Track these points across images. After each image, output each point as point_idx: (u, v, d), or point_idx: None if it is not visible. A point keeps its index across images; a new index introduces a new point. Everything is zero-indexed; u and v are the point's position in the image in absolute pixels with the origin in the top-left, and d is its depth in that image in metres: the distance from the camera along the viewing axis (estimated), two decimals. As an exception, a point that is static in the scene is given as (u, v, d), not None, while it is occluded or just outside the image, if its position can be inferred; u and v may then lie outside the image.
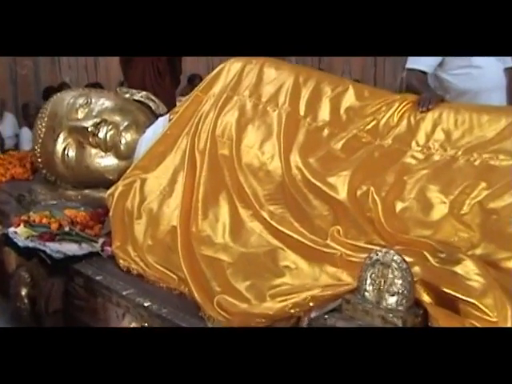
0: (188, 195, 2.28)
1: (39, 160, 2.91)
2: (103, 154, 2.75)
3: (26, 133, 4.83)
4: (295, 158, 2.15)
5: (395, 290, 1.52)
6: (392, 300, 1.52)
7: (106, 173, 2.76)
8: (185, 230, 2.18)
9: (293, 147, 2.19)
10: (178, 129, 2.54)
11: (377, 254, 1.56)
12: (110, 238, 2.40)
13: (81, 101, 2.83)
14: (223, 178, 2.27)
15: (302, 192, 2.07)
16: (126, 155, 2.72)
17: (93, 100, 2.83)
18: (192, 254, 2.12)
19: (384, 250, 1.55)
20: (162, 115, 2.87)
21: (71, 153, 2.78)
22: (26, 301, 2.42)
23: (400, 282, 1.51)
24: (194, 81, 5.05)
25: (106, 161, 2.76)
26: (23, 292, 2.43)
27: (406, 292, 1.51)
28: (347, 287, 1.67)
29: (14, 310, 2.47)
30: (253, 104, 2.41)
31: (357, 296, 1.59)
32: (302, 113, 2.31)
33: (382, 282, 1.54)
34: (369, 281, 1.56)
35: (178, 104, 3.50)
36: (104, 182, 2.75)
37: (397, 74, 4.88)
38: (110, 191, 2.50)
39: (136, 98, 2.99)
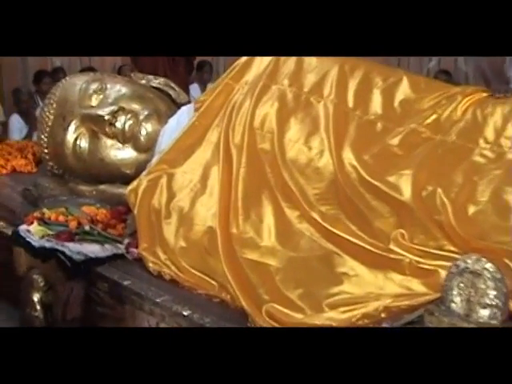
0: (225, 193, 2.22)
1: (46, 151, 2.82)
2: (120, 145, 2.67)
3: (16, 120, 4.71)
4: (348, 155, 2.10)
5: (488, 301, 1.48)
6: (484, 313, 1.48)
7: (122, 166, 2.68)
8: (224, 230, 2.12)
9: (344, 142, 2.14)
10: (207, 120, 2.48)
11: (465, 262, 1.52)
12: (135, 239, 2.32)
13: (94, 86, 2.74)
14: (265, 175, 2.21)
15: (357, 192, 2.02)
16: (146, 147, 2.65)
17: (108, 86, 2.75)
18: (233, 258, 2.07)
19: (474, 256, 1.52)
20: (183, 104, 2.81)
21: (84, 143, 2.69)
22: (38, 307, 2.35)
23: (494, 293, 1.48)
24: (203, 67, 4.95)
25: (123, 153, 2.68)
26: (35, 298, 2.35)
27: (500, 304, 1.48)
28: (427, 297, 1.63)
29: (24, 317, 2.39)
30: (294, 94, 2.35)
31: (441, 307, 1.55)
32: (350, 105, 2.26)
33: (473, 293, 1.50)
34: (456, 291, 1.53)
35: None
36: (120, 176, 2.68)
37: (423, 64, 4.85)
38: (131, 187, 2.42)
39: (154, 84, 2.92)
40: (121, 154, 2.68)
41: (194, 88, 4.57)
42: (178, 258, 2.20)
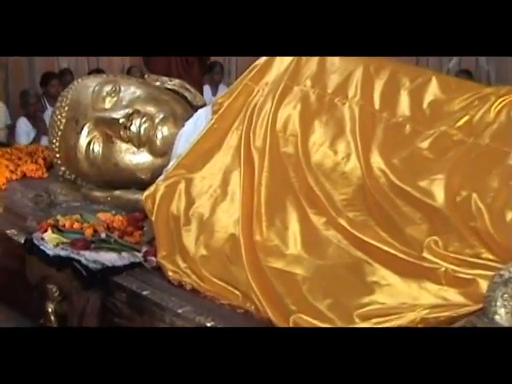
0: (247, 198, 2.18)
1: (57, 155, 2.78)
2: (135, 149, 2.63)
3: (23, 124, 4.67)
4: (376, 159, 2.05)
5: (534, 313, 1.43)
6: (531, 325, 1.44)
7: (138, 171, 2.64)
8: (248, 238, 2.08)
9: (372, 146, 2.10)
10: (225, 122, 2.43)
11: (510, 271, 1.48)
12: (153, 247, 2.28)
13: (108, 88, 2.70)
14: (288, 180, 2.17)
15: (387, 197, 1.98)
16: (162, 151, 2.60)
17: (122, 88, 2.71)
18: (258, 267, 2.03)
19: (519, 266, 1.47)
20: (199, 107, 2.77)
21: (97, 148, 2.65)
22: (52, 318, 2.31)
23: (541, 304, 1.43)
24: (213, 68, 4.90)
25: (138, 158, 2.63)
26: (49, 308, 2.32)
27: (548, 316, 1.43)
28: (467, 308, 1.59)
29: (37, 328, 2.36)
30: (317, 96, 2.31)
31: (483, 319, 1.50)
32: (377, 107, 2.21)
33: (518, 304, 1.45)
34: (500, 302, 1.49)
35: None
36: (135, 181, 2.64)
37: (443, 64, 4.81)
38: (147, 193, 2.38)
39: (168, 86, 2.87)
40: (136, 158, 2.63)
41: (205, 89, 4.53)
42: (199, 267, 2.15)
